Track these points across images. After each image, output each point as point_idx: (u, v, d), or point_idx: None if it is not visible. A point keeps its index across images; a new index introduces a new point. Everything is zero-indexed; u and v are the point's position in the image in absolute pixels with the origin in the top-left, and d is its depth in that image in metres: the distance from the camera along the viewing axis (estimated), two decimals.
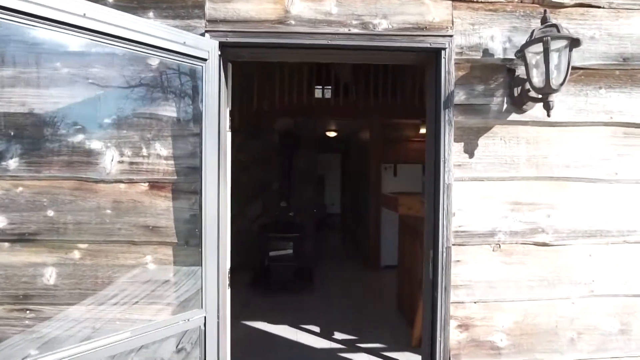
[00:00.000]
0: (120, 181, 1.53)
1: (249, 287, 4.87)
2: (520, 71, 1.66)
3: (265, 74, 5.72)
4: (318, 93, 6.03)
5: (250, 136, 5.79)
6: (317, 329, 3.76)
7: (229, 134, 1.80)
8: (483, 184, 1.69)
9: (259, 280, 4.96)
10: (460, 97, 1.66)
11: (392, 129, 6.88)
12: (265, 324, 3.88)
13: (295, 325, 3.83)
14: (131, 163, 1.55)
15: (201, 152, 1.51)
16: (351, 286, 5.05)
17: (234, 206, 5.56)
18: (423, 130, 6.49)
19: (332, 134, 7.82)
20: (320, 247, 7.56)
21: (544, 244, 1.71)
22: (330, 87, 5.87)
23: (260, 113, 5.76)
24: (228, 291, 1.74)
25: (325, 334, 3.66)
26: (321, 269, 5.92)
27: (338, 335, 3.63)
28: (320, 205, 10.66)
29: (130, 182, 1.54)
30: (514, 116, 1.69)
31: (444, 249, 1.64)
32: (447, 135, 1.64)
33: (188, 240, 1.61)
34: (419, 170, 6.25)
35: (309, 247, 5.82)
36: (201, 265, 1.52)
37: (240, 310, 4.19)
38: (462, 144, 1.68)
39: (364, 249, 6.48)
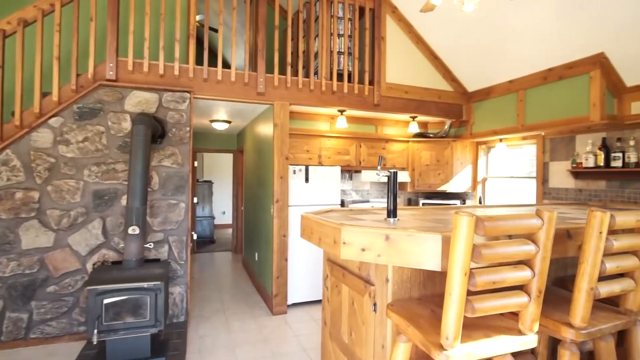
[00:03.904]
0: None
1: None
2: None
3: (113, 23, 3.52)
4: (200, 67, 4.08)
5: (80, 118, 3.54)
6: None
7: None
8: None
9: None
10: None
11: (304, 119, 5.27)
12: None
13: None
14: None
15: None
16: (249, 357, 3.25)
17: (44, 234, 3.26)
18: (341, 124, 5.03)
19: (222, 126, 5.86)
20: (202, 282, 5.53)
21: None
22: (216, 67, 3.97)
23: (99, 82, 3.55)
24: None
25: None
26: (201, 323, 3.96)
27: None
28: (207, 217, 8.53)
29: None
30: None
31: None
32: None
33: None
34: (338, 175, 4.76)
35: (180, 294, 3.81)
36: None
37: None
38: None
39: (264, 284, 4.72)
